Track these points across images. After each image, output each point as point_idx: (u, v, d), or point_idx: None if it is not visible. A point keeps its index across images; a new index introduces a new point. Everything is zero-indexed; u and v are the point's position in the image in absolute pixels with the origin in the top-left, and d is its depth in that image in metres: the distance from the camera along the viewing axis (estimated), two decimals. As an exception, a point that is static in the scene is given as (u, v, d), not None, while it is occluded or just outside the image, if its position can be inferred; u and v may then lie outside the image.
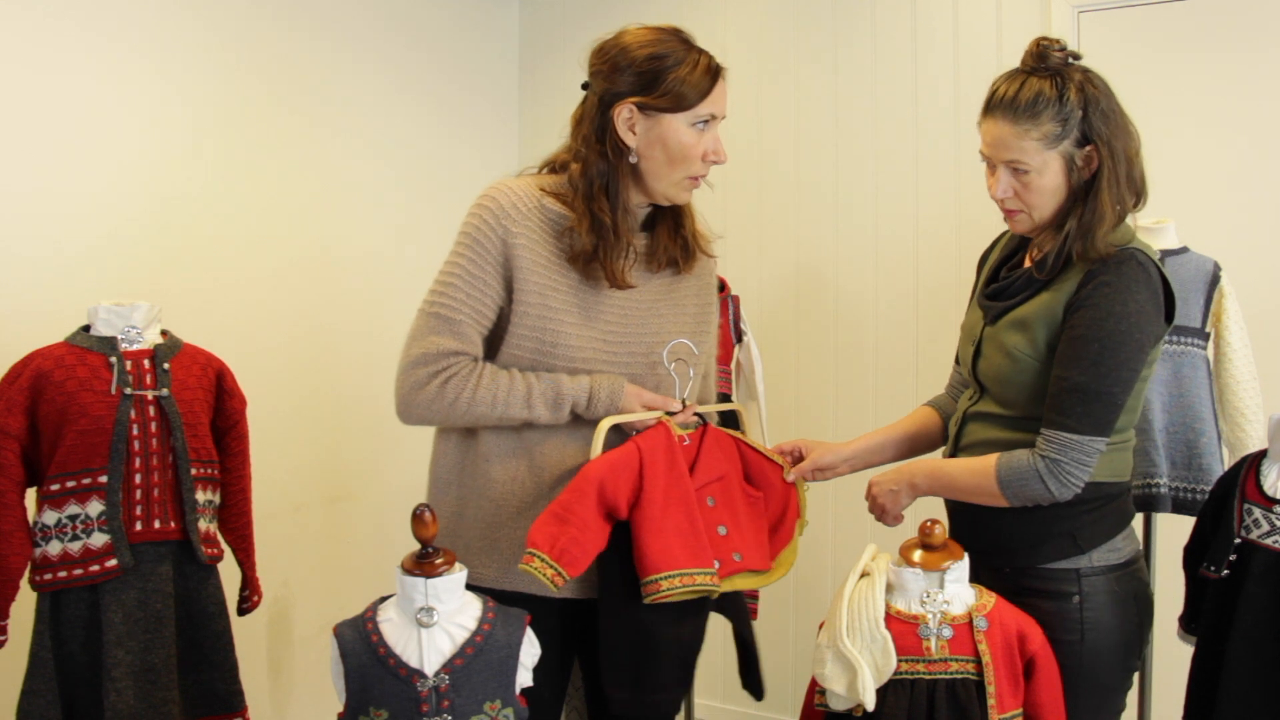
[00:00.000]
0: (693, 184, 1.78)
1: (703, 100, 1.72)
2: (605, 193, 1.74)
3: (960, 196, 3.03)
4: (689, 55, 1.73)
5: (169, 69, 2.63)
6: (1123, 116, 1.69)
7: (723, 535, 1.75)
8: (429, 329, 1.72)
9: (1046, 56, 1.67)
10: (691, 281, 1.88)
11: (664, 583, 1.62)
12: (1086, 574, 1.69)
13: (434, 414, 1.73)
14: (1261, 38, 2.74)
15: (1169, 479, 2.40)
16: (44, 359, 2.01)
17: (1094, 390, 1.62)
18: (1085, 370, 1.62)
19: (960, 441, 1.83)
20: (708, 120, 1.74)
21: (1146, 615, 1.76)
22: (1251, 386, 2.46)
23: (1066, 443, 1.63)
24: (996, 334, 1.76)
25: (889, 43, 3.15)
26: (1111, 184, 1.65)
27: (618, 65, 1.73)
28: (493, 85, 3.68)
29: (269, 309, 2.88)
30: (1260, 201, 2.75)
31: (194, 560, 2.10)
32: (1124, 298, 1.62)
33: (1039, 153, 1.65)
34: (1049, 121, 1.64)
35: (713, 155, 1.76)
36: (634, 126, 1.72)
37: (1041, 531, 1.70)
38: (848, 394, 3.23)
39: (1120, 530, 1.73)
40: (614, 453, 1.68)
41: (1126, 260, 1.64)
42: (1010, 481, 1.66)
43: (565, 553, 1.58)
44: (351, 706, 1.53)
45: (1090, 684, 1.69)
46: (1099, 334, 1.62)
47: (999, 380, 1.75)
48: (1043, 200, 1.69)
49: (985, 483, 1.69)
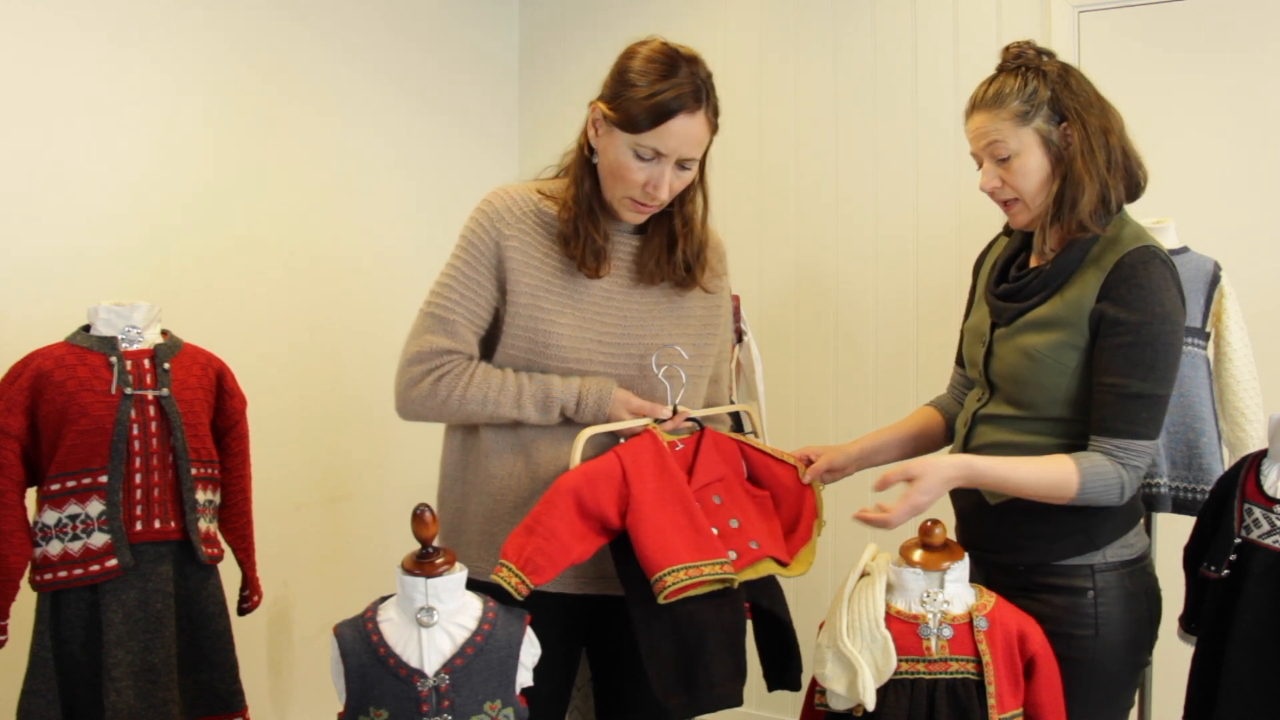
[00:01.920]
0: (635, 206, 1.75)
1: (644, 131, 1.68)
2: (577, 183, 1.78)
3: (960, 197, 3.03)
4: (661, 84, 1.67)
5: (169, 70, 2.63)
6: (1097, 97, 1.72)
7: (735, 528, 1.74)
8: (425, 328, 1.77)
9: (1020, 55, 1.73)
10: (701, 294, 1.88)
11: (669, 578, 1.60)
12: (1100, 569, 1.70)
13: (428, 410, 1.78)
14: (1262, 37, 2.74)
15: (1169, 479, 2.40)
16: (44, 359, 2.01)
17: (1155, 396, 1.65)
18: (1144, 376, 1.64)
19: (970, 443, 1.82)
20: (653, 154, 1.69)
21: (1157, 611, 1.77)
22: (1251, 386, 2.46)
23: (1143, 450, 1.66)
24: (1012, 335, 1.76)
25: (889, 43, 3.15)
26: (1087, 155, 1.68)
27: (616, 66, 1.75)
28: (493, 85, 3.68)
29: (269, 309, 2.88)
30: (1260, 201, 2.75)
31: (194, 560, 2.10)
32: (1160, 298, 1.64)
33: (1013, 132, 1.69)
34: (1015, 102, 1.69)
35: (651, 188, 1.72)
36: (597, 128, 1.74)
37: (1056, 529, 1.71)
38: (848, 394, 3.23)
39: (1132, 527, 1.75)
40: (590, 463, 1.69)
41: (1150, 259, 1.66)
42: (1092, 487, 1.65)
43: (530, 561, 1.60)
44: (351, 706, 1.53)
45: (1103, 678, 1.69)
46: (1149, 339, 1.64)
47: (1015, 381, 1.75)
48: (1028, 181, 1.71)
49: (1064, 487, 1.65)
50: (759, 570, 1.73)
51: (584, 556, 1.66)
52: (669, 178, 1.72)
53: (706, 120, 1.72)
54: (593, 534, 1.67)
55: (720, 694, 1.64)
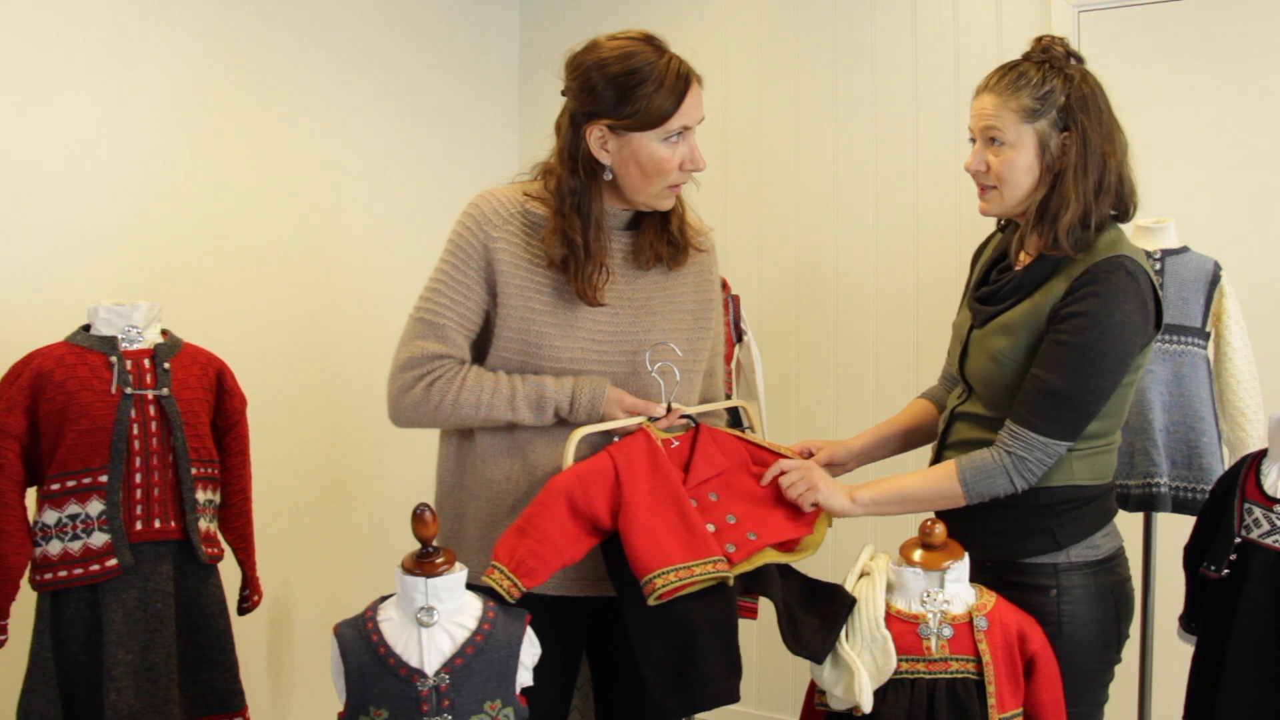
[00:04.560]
0: (674, 191, 1.77)
1: (673, 116, 1.70)
2: (577, 211, 1.74)
3: (960, 196, 3.03)
4: (656, 69, 1.69)
5: (168, 72, 2.63)
6: (1110, 117, 1.71)
7: (732, 523, 1.73)
8: (415, 334, 1.76)
9: (1049, 50, 1.72)
10: (689, 278, 1.87)
11: (659, 580, 1.60)
12: (1064, 569, 1.72)
13: (421, 416, 1.76)
14: (1262, 37, 2.74)
15: (1169, 479, 2.40)
16: (44, 358, 2.01)
17: (1069, 398, 1.65)
18: (1064, 377, 1.65)
19: (947, 439, 1.85)
20: (681, 132, 1.72)
21: (1125, 609, 1.78)
22: (1251, 386, 2.46)
23: (1033, 442, 1.67)
24: (984, 337, 1.78)
25: (889, 42, 3.15)
26: (1079, 173, 1.67)
27: (587, 84, 1.72)
28: (493, 88, 3.68)
29: (270, 310, 2.88)
30: (1260, 201, 2.75)
31: (194, 560, 2.10)
32: (1110, 309, 1.63)
33: (1014, 125, 1.69)
34: (1027, 96, 1.69)
35: (690, 164, 1.74)
36: (606, 145, 1.73)
37: (1021, 528, 1.73)
38: (848, 393, 3.23)
39: (1100, 528, 1.75)
40: (583, 464, 1.69)
41: (1115, 269, 1.65)
42: (975, 482, 1.70)
43: (522, 564, 1.60)
44: (351, 706, 1.53)
45: (1069, 675, 1.70)
46: (1082, 343, 1.64)
47: (984, 383, 1.77)
48: (1013, 175, 1.71)
49: (946, 486, 1.72)
50: (759, 560, 1.72)
51: (576, 558, 1.66)
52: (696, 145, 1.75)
53: (698, 78, 1.75)
54: (585, 535, 1.66)
55: (716, 691, 1.63)
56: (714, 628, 1.63)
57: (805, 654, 1.68)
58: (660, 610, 1.61)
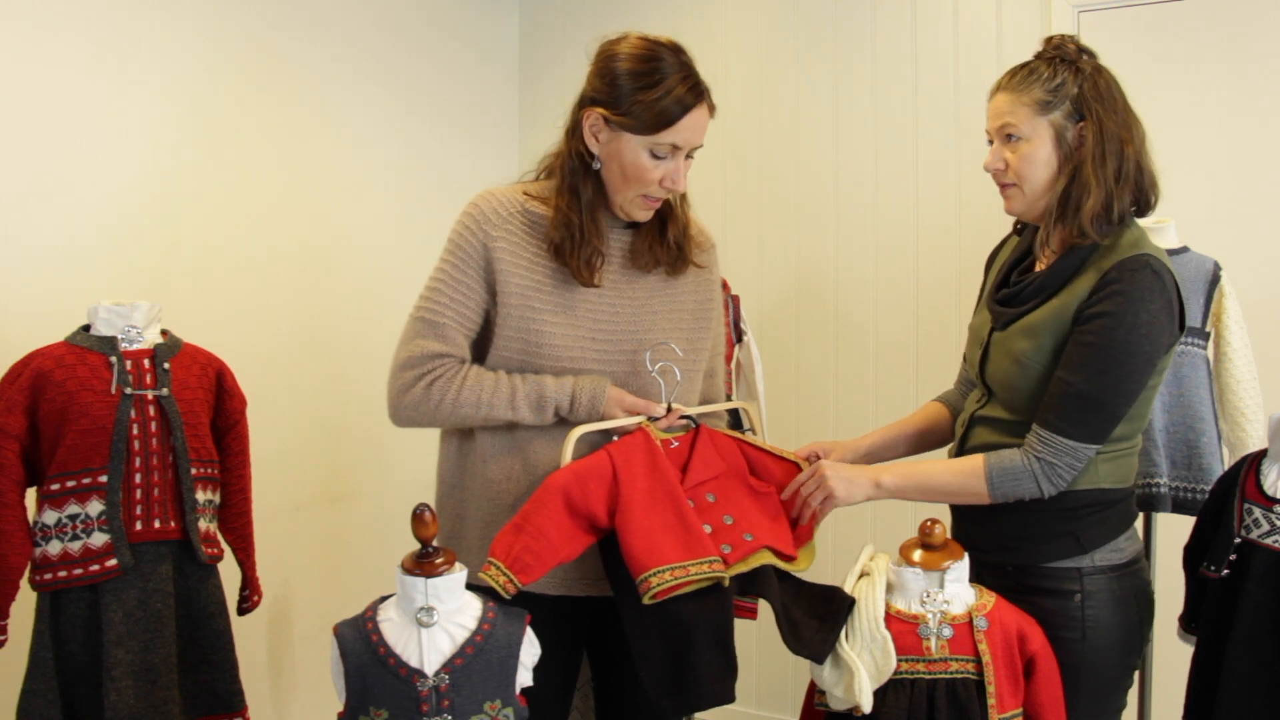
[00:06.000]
0: (647, 203, 1.77)
1: (663, 131, 1.70)
2: (573, 192, 1.76)
3: (960, 196, 3.03)
4: (668, 80, 1.70)
5: (168, 74, 2.63)
6: (1125, 107, 1.70)
7: (729, 524, 1.73)
8: (415, 333, 1.77)
9: (1061, 47, 1.72)
10: (690, 278, 1.87)
11: (654, 579, 1.60)
12: (1088, 573, 1.70)
13: (421, 415, 1.77)
14: (1261, 37, 2.74)
15: (1169, 479, 2.40)
16: (44, 359, 2.01)
17: (1097, 400, 1.63)
18: (1091, 379, 1.63)
19: (966, 443, 1.83)
20: (671, 149, 1.72)
21: (1147, 614, 1.77)
22: (1251, 386, 2.46)
23: (1062, 447, 1.65)
24: (1006, 340, 1.76)
25: (889, 42, 3.15)
26: (1098, 161, 1.67)
27: (601, 69, 1.74)
28: (493, 89, 3.68)
29: (270, 310, 2.88)
30: (1260, 201, 2.75)
31: (194, 560, 2.10)
32: (1137, 308, 1.62)
33: (1029, 119, 1.69)
34: (1039, 89, 1.69)
35: (669, 183, 1.74)
36: (598, 134, 1.74)
37: (1045, 531, 1.71)
38: (848, 393, 3.23)
39: (1123, 532, 1.74)
40: (581, 461, 1.69)
41: (1141, 268, 1.64)
42: (1001, 481, 1.68)
43: (518, 560, 1.60)
44: (351, 706, 1.53)
45: (1091, 680, 1.69)
46: (1109, 343, 1.62)
47: (1007, 386, 1.75)
48: (1033, 170, 1.70)
49: (972, 482, 1.71)
50: (756, 561, 1.71)
51: (573, 556, 1.66)
52: (684, 169, 1.74)
53: (709, 106, 1.75)
54: (582, 533, 1.67)
55: (711, 692, 1.63)
56: (709, 628, 1.63)
57: (805, 654, 1.68)
58: (656, 610, 1.62)
